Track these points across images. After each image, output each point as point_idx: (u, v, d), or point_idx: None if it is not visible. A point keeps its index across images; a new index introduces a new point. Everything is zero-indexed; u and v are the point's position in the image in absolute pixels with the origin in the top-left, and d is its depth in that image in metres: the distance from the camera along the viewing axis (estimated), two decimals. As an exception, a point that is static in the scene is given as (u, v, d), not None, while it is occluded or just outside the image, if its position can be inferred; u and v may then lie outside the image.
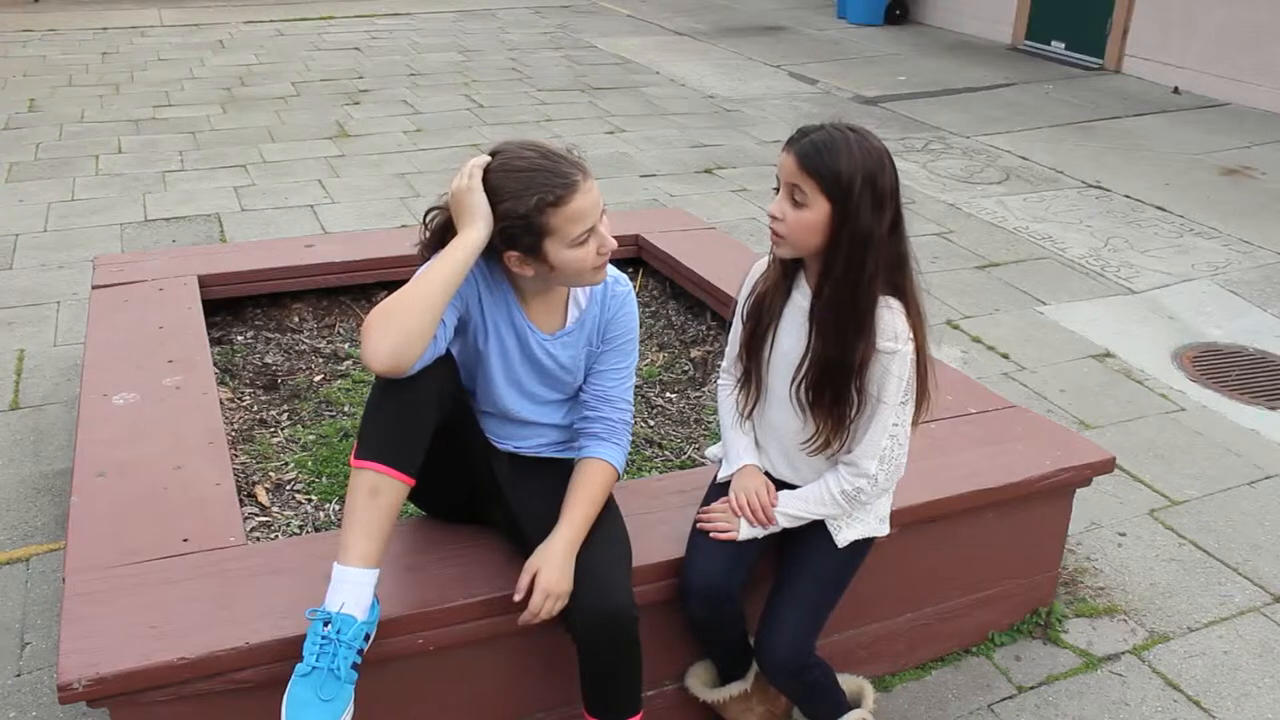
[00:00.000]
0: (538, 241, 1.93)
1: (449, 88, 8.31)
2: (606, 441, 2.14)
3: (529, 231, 1.91)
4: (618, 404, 2.17)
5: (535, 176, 1.91)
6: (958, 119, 7.68)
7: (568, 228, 1.92)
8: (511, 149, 1.97)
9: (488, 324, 2.08)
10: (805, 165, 1.91)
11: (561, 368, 2.15)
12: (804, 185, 1.91)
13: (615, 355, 2.18)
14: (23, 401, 3.68)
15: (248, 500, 2.66)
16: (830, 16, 11.62)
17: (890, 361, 1.98)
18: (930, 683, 2.57)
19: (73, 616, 1.96)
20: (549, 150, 1.97)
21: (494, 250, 1.97)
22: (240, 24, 10.89)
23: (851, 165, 1.89)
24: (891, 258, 1.96)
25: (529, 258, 1.96)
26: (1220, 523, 3.20)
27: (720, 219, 5.45)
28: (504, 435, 2.22)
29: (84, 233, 5.24)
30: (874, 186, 1.90)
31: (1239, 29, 8.15)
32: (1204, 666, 2.64)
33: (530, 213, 1.89)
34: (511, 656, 2.17)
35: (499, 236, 1.93)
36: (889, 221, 1.93)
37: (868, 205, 1.90)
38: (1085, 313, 4.60)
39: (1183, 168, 6.63)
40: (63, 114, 7.36)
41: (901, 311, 1.98)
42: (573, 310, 2.14)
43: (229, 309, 3.62)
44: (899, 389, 2.00)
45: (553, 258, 1.95)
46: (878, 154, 1.93)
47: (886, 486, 2.11)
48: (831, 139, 1.91)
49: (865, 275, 1.93)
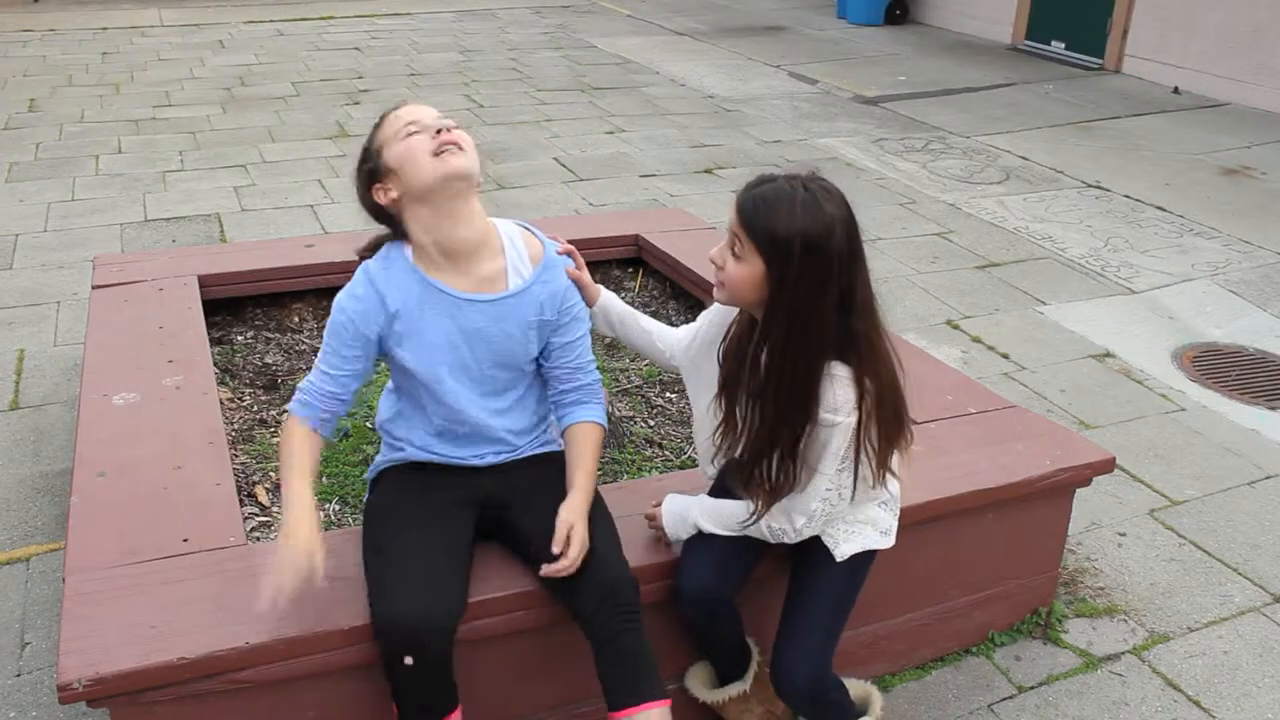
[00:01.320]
0: (378, 157, 2.04)
1: (449, 88, 8.31)
2: (588, 404, 2.21)
3: (370, 154, 2.06)
4: (588, 368, 2.23)
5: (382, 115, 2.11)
6: (958, 119, 7.68)
7: (396, 127, 2.03)
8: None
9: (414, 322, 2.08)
10: (744, 220, 1.80)
11: (509, 335, 2.12)
12: (741, 238, 1.81)
13: (575, 324, 2.21)
14: (23, 401, 3.68)
15: (248, 500, 2.66)
16: (830, 16, 11.62)
17: (830, 434, 1.87)
18: (930, 683, 2.57)
19: (73, 616, 1.96)
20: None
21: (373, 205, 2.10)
22: (240, 24, 10.89)
23: (790, 228, 1.75)
24: (842, 334, 1.82)
25: (385, 180, 2.04)
26: (1220, 523, 3.20)
27: (720, 219, 5.45)
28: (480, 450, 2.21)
29: (84, 233, 5.24)
30: (814, 252, 1.75)
31: (1239, 29, 8.15)
32: (1204, 666, 2.64)
33: (370, 137, 2.08)
34: (511, 656, 2.17)
35: (363, 176, 2.08)
36: (836, 295, 1.79)
37: (807, 273, 1.76)
38: (1085, 313, 4.60)
39: (1183, 168, 6.63)
40: (63, 114, 7.36)
41: (847, 379, 1.84)
42: (514, 278, 2.12)
43: (229, 309, 3.62)
44: (834, 460, 1.89)
45: (392, 162, 2.02)
46: (827, 220, 1.76)
47: (812, 533, 2.04)
48: (777, 195, 1.78)
49: (805, 347, 1.81)
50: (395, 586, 1.94)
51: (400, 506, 2.13)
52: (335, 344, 2.08)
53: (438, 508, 2.11)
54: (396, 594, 1.92)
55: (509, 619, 2.08)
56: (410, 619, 1.88)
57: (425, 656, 1.88)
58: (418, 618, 1.88)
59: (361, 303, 2.06)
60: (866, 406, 1.87)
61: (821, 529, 2.05)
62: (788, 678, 2.06)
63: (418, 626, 1.88)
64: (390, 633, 1.89)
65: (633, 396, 3.28)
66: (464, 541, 2.10)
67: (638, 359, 3.51)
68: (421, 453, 2.20)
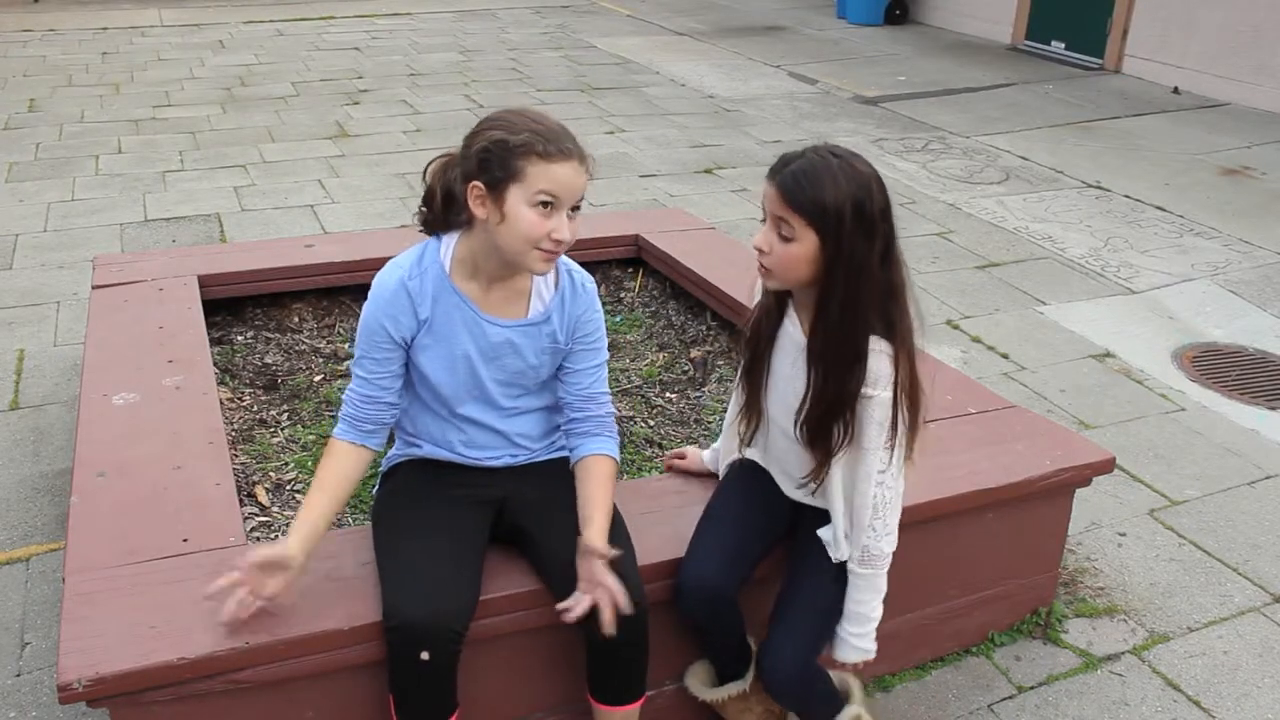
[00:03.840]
0: (505, 180, 1.91)
1: (449, 88, 8.31)
2: (600, 436, 2.15)
3: (504, 165, 1.90)
4: (600, 399, 2.18)
5: (540, 125, 1.93)
6: (958, 119, 7.68)
7: (539, 182, 1.90)
8: (536, 110, 2.02)
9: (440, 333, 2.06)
10: (789, 199, 1.83)
11: (523, 359, 2.11)
12: (789, 219, 1.84)
13: (590, 354, 2.17)
14: (23, 401, 3.68)
15: (248, 500, 2.66)
16: (830, 16, 11.62)
17: (869, 406, 1.92)
18: (930, 683, 2.57)
19: (73, 616, 1.96)
20: (570, 131, 1.99)
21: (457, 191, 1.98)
22: (240, 24, 10.89)
23: (838, 195, 1.81)
24: (885, 287, 1.89)
25: (489, 195, 1.94)
26: (1220, 523, 3.20)
27: (720, 219, 5.45)
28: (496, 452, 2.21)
29: (84, 233, 5.24)
30: (862, 214, 1.82)
31: (1239, 29, 8.15)
32: (1204, 666, 2.64)
33: (516, 147, 1.90)
34: (511, 657, 2.17)
35: (474, 161, 1.94)
36: (880, 249, 1.85)
37: (859, 235, 1.82)
38: (1085, 313, 4.60)
39: (1183, 168, 6.63)
40: (63, 114, 7.36)
41: (887, 353, 1.91)
42: (535, 304, 2.12)
43: (229, 309, 3.62)
44: (879, 435, 1.94)
45: (509, 207, 1.92)
46: (865, 179, 1.84)
47: (888, 532, 2.04)
48: (814, 167, 1.83)
49: (861, 309, 1.86)
50: (410, 585, 1.94)
51: (415, 503, 2.13)
52: (367, 346, 2.06)
53: (453, 507, 2.11)
54: (411, 592, 1.92)
55: (509, 619, 2.08)
56: (423, 618, 1.88)
57: (436, 655, 1.89)
58: (430, 616, 1.89)
59: (394, 306, 2.03)
60: (901, 380, 1.93)
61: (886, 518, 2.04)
62: (775, 671, 2.08)
63: (430, 625, 1.88)
64: (402, 630, 1.89)
65: (633, 396, 3.28)
66: (478, 542, 2.10)
67: (638, 358, 3.51)
68: (437, 449, 2.20)
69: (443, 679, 1.93)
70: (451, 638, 1.91)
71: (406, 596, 1.92)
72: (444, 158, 2.06)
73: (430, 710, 1.95)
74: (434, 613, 1.89)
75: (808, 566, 2.12)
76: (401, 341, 2.06)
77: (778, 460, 2.18)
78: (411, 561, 1.99)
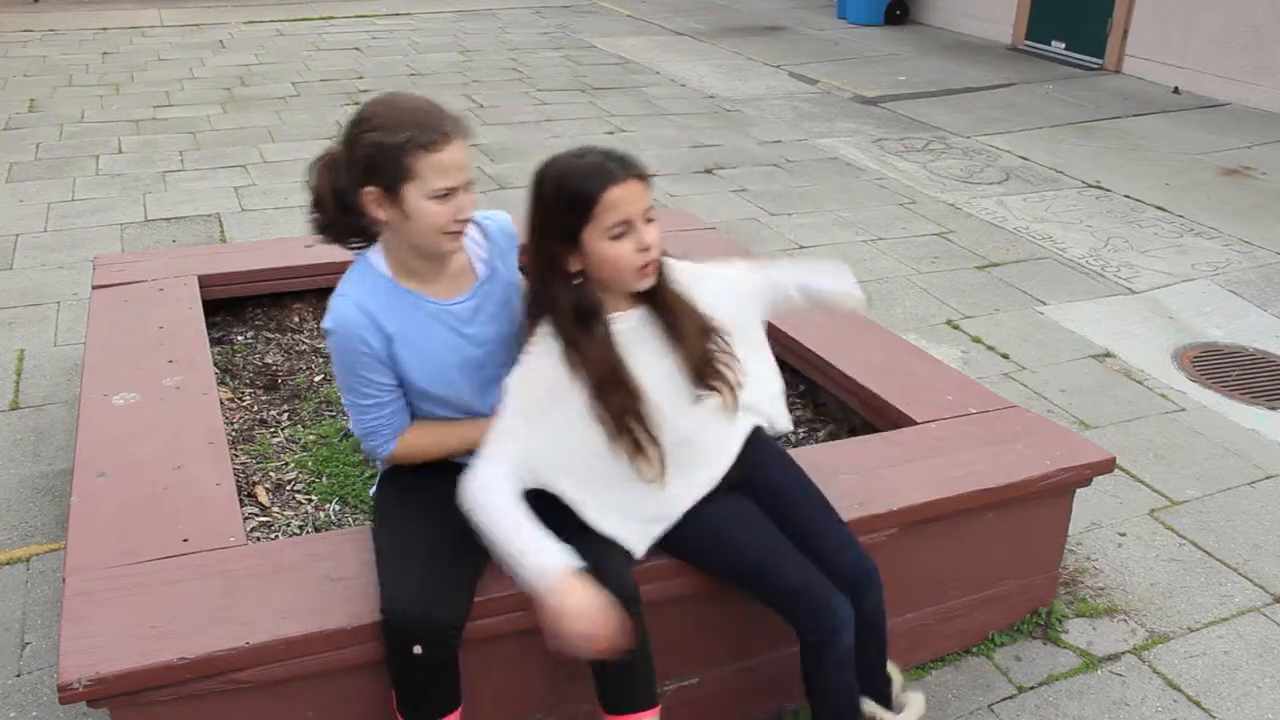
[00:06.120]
0: (397, 182, 1.92)
1: (449, 88, 8.31)
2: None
3: (393, 167, 1.91)
4: None
5: (415, 115, 1.94)
6: (958, 119, 7.68)
7: (431, 177, 1.91)
8: (401, 94, 2.05)
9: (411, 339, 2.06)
10: (646, 181, 1.95)
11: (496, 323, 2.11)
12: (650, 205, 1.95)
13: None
14: (23, 401, 3.68)
15: (248, 500, 2.66)
16: (830, 16, 11.62)
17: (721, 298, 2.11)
18: (930, 683, 2.57)
19: (73, 616, 1.96)
20: (440, 106, 2.00)
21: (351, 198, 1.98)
22: (240, 24, 10.89)
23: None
24: None
25: (386, 198, 1.95)
26: (1220, 523, 3.20)
27: (720, 219, 5.45)
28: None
29: (84, 233, 5.24)
30: None
31: (1239, 29, 8.15)
32: (1204, 666, 2.64)
33: (399, 146, 1.90)
34: (510, 658, 2.17)
35: (361, 167, 1.94)
36: None
37: None
38: (1085, 313, 4.60)
39: (1183, 168, 6.63)
40: (63, 114, 7.36)
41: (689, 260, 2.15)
42: (479, 267, 2.14)
43: (229, 309, 3.62)
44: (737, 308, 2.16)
45: (409, 204, 1.94)
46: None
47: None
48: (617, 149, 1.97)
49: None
50: (404, 580, 1.94)
51: (416, 502, 2.14)
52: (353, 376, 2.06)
53: (451, 505, 2.11)
54: (405, 587, 1.93)
55: (509, 619, 2.08)
56: (416, 612, 1.89)
57: (431, 650, 1.89)
58: (423, 611, 1.89)
59: (359, 328, 2.02)
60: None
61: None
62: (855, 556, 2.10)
63: (422, 620, 1.88)
64: (395, 624, 1.90)
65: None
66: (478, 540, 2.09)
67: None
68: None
69: (440, 674, 1.93)
70: (446, 633, 1.91)
71: (400, 591, 1.93)
72: (324, 159, 2.06)
73: (429, 705, 1.94)
74: (427, 608, 1.90)
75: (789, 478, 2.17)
76: (384, 357, 2.05)
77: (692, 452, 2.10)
78: (408, 558, 1.99)
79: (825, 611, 2.02)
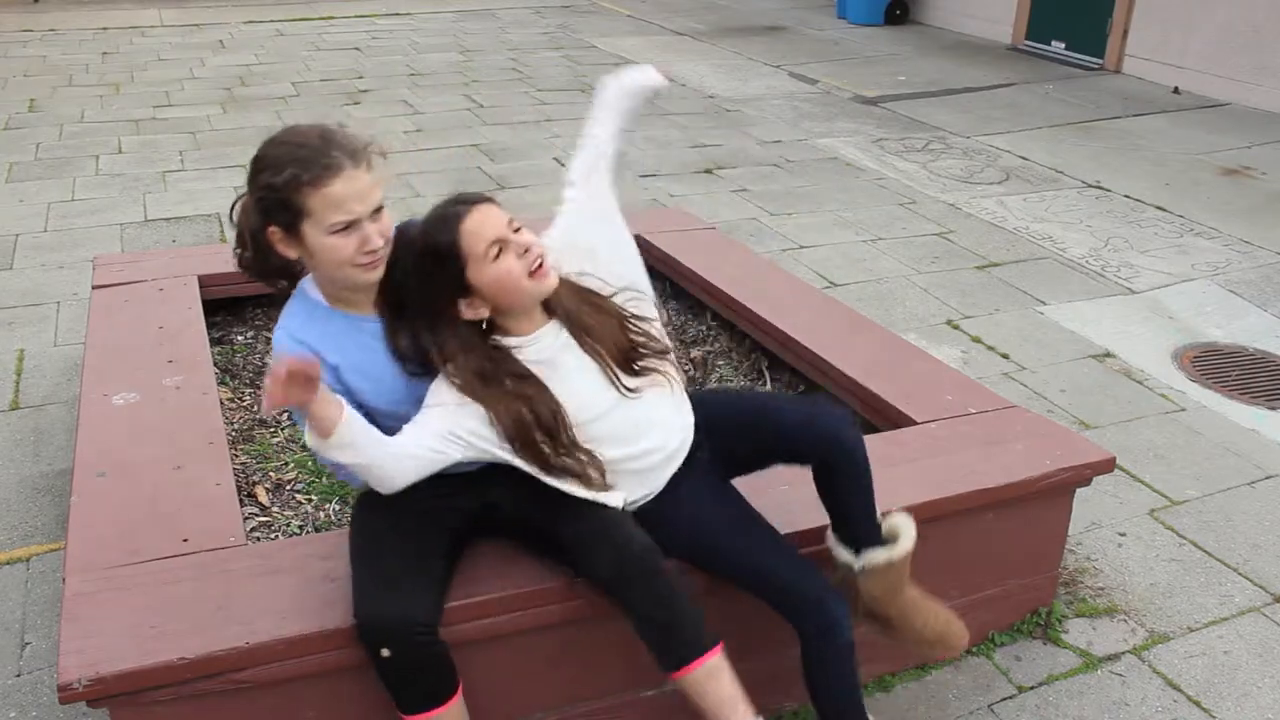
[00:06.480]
0: (295, 220, 1.88)
1: (449, 88, 8.31)
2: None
3: (283, 207, 1.87)
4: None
5: (298, 152, 1.87)
6: (958, 119, 7.68)
7: (325, 211, 1.86)
8: (298, 127, 1.95)
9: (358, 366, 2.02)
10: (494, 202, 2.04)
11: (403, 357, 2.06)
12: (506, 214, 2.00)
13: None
14: (23, 401, 3.68)
15: (248, 500, 2.67)
16: (830, 16, 11.62)
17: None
18: (930, 683, 2.57)
19: (73, 616, 1.96)
20: (332, 135, 1.91)
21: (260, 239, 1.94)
22: (240, 24, 10.89)
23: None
24: None
25: (289, 237, 1.91)
26: (1220, 523, 3.20)
27: (720, 219, 5.45)
28: None
29: (84, 233, 5.24)
30: None
31: (1239, 29, 8.15)
32: (1204, 666, 2.64)
33: (285, 186, 1.85)
34: (511, 657, 2.17)
35: (259, 210, 1.91)
36: None
37: None
38: (1085, 313, 4.60)
39: (1183, 168, 6.63)
40: (63, 114, 7.36)
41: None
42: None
43: (229, 309, 3.62)
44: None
45: (310, 242, 1.89)
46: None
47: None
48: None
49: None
50: (369, 586, 1.95)
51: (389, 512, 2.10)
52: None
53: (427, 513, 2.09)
54: (370, 593, 1.94)
55: (509, 619, 2.08)
56: (378, 616, 1.89)
57: (401, 651, 1.89)
58: (384, 615, 1.89)
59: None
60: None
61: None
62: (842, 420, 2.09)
63: (384, 623, 1.89)
64: (361, 629, 1.91)
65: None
66: (445, 544, 2.08)
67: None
68: None
69: (418, 673, 1.92)
70: (414, 633, 1.89)
71: (365, 597, 1.94)
72: (241, 199, 2.01)
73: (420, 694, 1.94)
74: (389, 610, 1.90)
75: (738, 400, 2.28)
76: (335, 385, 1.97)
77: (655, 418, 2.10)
78: (374, 563, 1.99)
79: (820, 608, 2.03)
